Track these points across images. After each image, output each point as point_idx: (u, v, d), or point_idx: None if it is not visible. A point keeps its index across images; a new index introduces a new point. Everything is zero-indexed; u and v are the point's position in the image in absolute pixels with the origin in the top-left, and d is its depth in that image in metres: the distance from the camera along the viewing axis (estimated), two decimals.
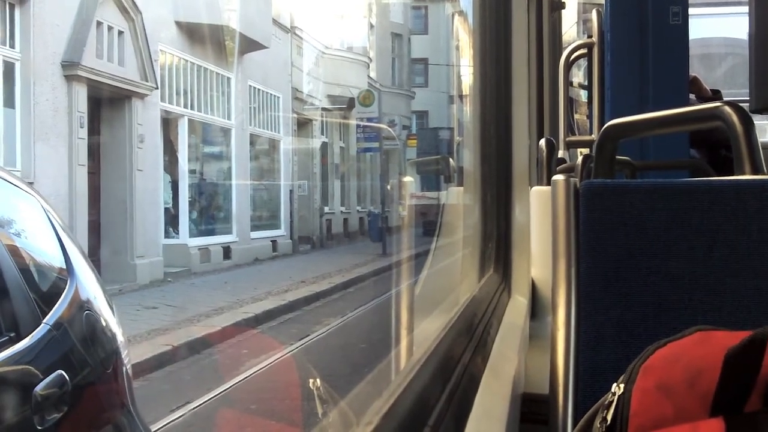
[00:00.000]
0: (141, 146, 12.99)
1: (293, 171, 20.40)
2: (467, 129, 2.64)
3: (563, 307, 1.23)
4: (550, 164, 2.47)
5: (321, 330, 9.64)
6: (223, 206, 17.22)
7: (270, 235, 18.56)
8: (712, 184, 1.23)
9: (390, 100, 26.81)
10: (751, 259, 1.16)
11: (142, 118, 13.07)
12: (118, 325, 2.97)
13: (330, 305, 11.85)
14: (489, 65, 2.09)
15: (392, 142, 27.11)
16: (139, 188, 12.85)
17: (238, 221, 16.84)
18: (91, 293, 2.87)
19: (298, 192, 20.49)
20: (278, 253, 18.16)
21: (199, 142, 16.49)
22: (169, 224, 14.89)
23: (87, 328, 2.70)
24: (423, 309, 1.93)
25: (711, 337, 0.75)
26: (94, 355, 2.69)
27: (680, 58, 3.28)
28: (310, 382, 0.92)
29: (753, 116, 1.47)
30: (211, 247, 15.49)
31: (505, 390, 1.19)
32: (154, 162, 13.81)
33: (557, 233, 1.26)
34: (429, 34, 32.28)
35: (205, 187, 16.72)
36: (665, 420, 0.72)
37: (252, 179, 18.27)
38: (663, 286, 1.18)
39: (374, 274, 15.07)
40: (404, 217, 24.18)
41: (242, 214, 17.14)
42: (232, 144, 17.15)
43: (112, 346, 2.84)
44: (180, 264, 13.80)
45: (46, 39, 10.86)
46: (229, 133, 17.14)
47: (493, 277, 1.93)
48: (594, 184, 1.25)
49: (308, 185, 21.13)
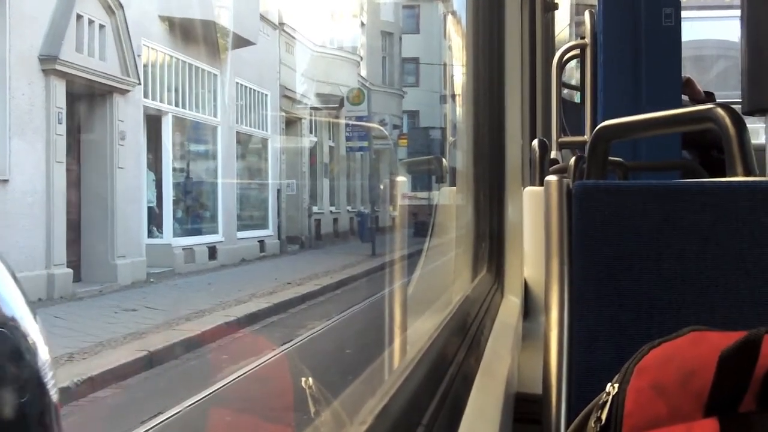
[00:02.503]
0: (122, 143, 12.60)
1: (281, 170, 20.02)
2: (460, 129, 2.64)
3: (556, 307, 1.24)
4: (542, 165, 2.47)
5: (305, 334, 9.24)
6: (209, 205, 16.82)
7: (257, 235, 18.18)
8: (704, 186, 1.23)
9: (380, 99, 26.68)
10: (743, 259, 1.16)
11: (123, 114, 12.71)
12: (42, 346, 2.76)
13: (316, 308, 11.45)
14: (482, 66, 2.09)
15: (383, 141, 26.85)
16: (120, 186, 12.46)
17: (225, 221, 16.48)
18: (10, 310, 2.66)
19: (286, 191, 20.21)
20: (266, 254, 17.78)
21: (184, 140, 16.06)
22: (152, 223, 14.54)
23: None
24: (415, 310, 1.92)
25: (705, 338, 0.75)
26: (10, 380, 2.48)
27: (673, 60, 3.29)
28: (296, 387, 0.90)
29: (745, 118, 1.48)
30: (196, 248, 15.05)
31: (499, 390, 1.19)
32: (137, 159, 13.42)
33: (550, 233, 1.26)
34: (421, 34, 32.16)
35: (190, 186, 16.24)
36: (659, 420, 0.73)
37: (239, 178, 17.96)
38: (656, 287, 1.18)
39: (363, 275, 14.62)
40: (395, 217, 23.93)
41: (228, 214, 16.78)
42: (219, 142, 16.75)
43: (34, 370, 2.61)
44: (163, 264, 13.43)
45: (23, 32, 10.49)
46: (216, 131, 16.76)
47: (486, 277, 1.93)
48: (586, 185, 1.26)
49: (297, 185, 20.86)
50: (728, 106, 1.32)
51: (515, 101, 2.18)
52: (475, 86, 2.10)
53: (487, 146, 2.09)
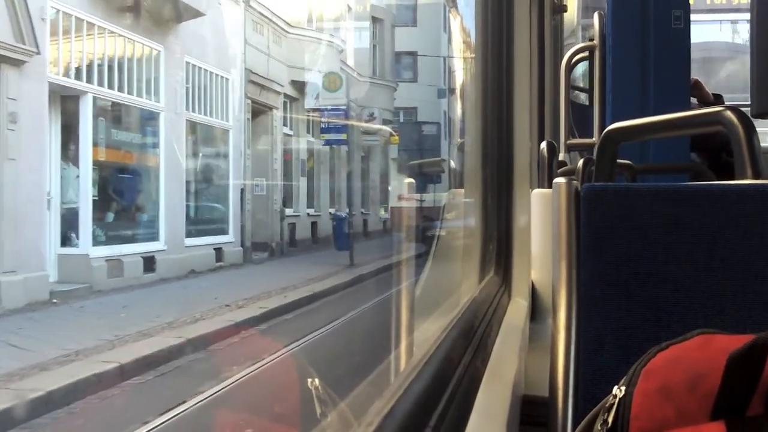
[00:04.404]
0: (13, 127, 10.03)
1: (246, 167, 17.30)
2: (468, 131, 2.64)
3: (564, 310, 1.24)
4: (551, 167, 2.47)
5: (212, 391, 6.15)
6: (147, 207, 13.87)
7: (213, 241, 15.38)
8: (713, 188, 1.23)
9: (369, 90, 24.56)
10: (752, 263, 1.16)
11: (16, 91, 10.07)
12: None
13: (247, 343, 8.58)
14: (491, 68, 2.09)
15: (372, 137, 25.10)
16: (9, 181, 9.85)
17: (168, 225, 13.78)
18: None
19: (255, 191, 17.81)
20: (224, 264, 15.12)
21: (112, 127, 13.08)
22: (71, 229, 11.94)
23: None
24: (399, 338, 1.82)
25: (713, 341, 0.75)
26: None
27: (682, 62, 3.28)
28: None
29: (754, 121, 1.47)
30: (126, 258, 12.30)
31: (505, 392, 1.19)
32: (37, 148, 10.70)
33: (558, 236, 1.26)
34: (418, 26, 30.32)
35: (120, 183, 13.34)
36: (666, 423, 0.72)
37: (191, 175, 15.33)
38: (663, 290, 1.18)
39: (330, 292, 12.12)
40: (386, 220, 23.05)
41: (174, 217, 14.02)
42: (162, 131, 13.86)
43: None
44: (79, 279, 10.96)
45: None
46: (157, 117, 13.87)
47: (494, 279, 1.93)
48: (595, 187, 1.25)
49: (267, 184, 18.28)
50: (737, 108, 1.32)
51: (524, 103, 2.18)
52: (484, 88, 2.10)
53: (495, 148, 2.09)
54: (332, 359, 6.76)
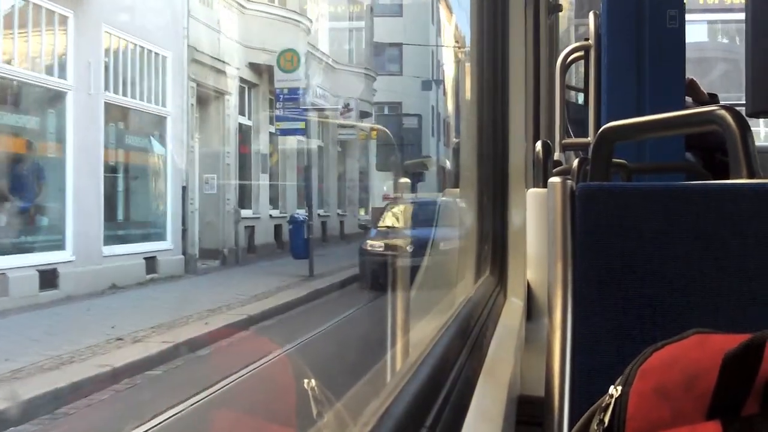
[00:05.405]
0: None
1: (189, 160, 14.60)
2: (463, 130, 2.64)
3: (559, 310, 1.24)
4: (546, 166, 2.47)
5: None
6: (50, 208, 11.21)
7: (144, 249, 12.89)
8: (708, 188, 1.23)
9: (343, 78, 22.03)
10: (747, 262, 1.16)
11: None
12: None
13: (138, 392, 6.20)
14: (486, 67, 2.09)
15: (349, 131, 22.98)
16: None
17: (79, 231, 11.21)
18: None
19: (204, 190, 15.29)
20: (158, 275, 12.72)
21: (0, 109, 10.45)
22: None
23: None
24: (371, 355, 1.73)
25: (708, 340, 0.75)
26: None
27: (677, 62, 3.29)
28: None
29: (749, 120, 1.48)
30: (14, 272, 9.66)
31: (501, 392, 1.19)
32: None
33: (553, 235, 1.26)
34: (404, 17, 28.62)
35: (14, 179, 10.76)
36: (662, 423, 0.72)
37: (109, 170, 12.63)
38: (659, 289, 1.18)
39: (273, 313, 9.98)
40: (365, 224, 21.48)
41: (87, 221, 11.40)
42: (70, 115, 11.27)
43: None
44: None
45: None
46: (63, 97, 11.27)
47: (489, 279, 1.93)
48: (590, 187, 1.26)
49: (218, 182, 15.72)
50: (732, 108, 1.32)
51: (519, 103, 2.19)
52: (479, 88, 2.10)
53: (490, 148, 2.09)
54: None
